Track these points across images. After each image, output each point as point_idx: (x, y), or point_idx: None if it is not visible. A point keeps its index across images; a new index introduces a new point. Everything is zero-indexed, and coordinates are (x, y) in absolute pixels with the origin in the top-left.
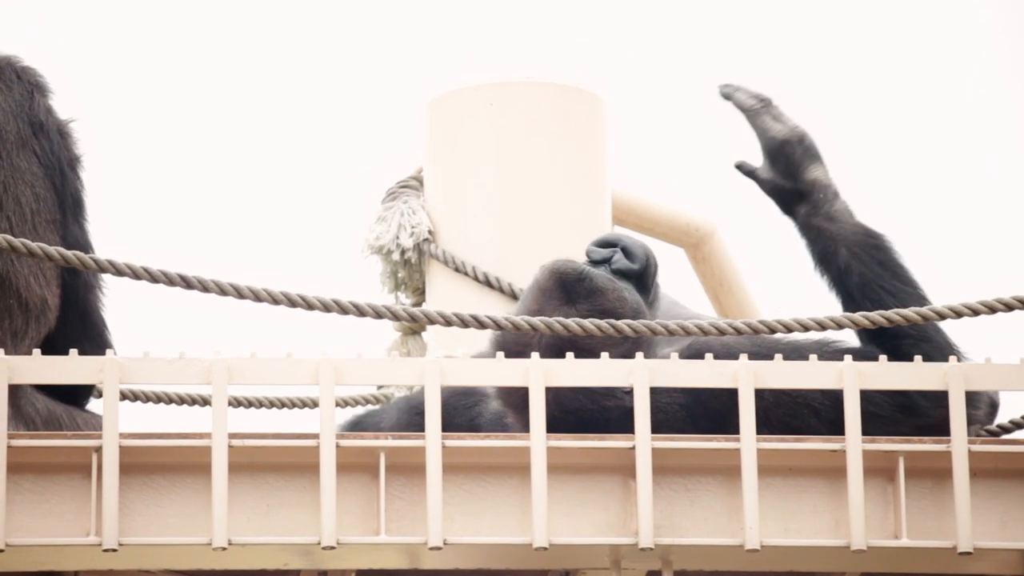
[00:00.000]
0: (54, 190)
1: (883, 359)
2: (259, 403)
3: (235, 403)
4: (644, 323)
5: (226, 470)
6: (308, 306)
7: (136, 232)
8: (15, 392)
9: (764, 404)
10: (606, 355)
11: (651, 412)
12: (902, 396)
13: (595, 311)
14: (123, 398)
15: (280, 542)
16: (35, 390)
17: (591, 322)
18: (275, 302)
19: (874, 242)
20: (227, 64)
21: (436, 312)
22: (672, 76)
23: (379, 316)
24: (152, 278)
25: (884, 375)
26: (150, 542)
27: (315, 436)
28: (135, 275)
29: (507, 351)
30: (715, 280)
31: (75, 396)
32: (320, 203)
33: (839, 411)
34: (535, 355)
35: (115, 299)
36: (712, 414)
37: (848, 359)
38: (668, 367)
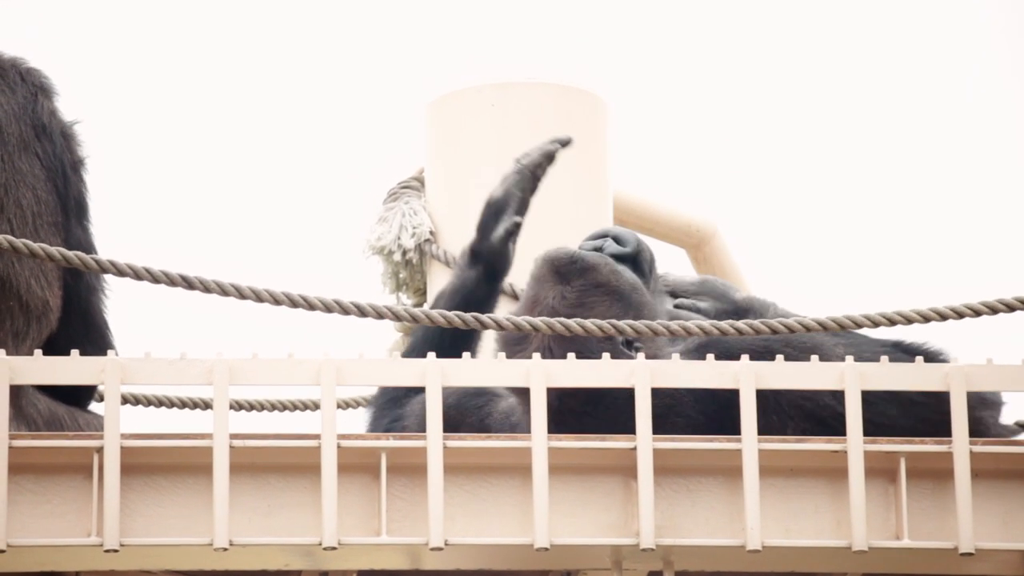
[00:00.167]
0: (56, 193)
1: (884, 359)
2: (260, 406)
3: (236, 406)
4: (644, 323)
5: (227, 470)
6: (309, 307)
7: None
8: (17, 393)
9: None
10: (607, 355)
11: (660, 396)
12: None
13: (590, 286)
14: (124, 402)
15: (281, 543)
16: (37, 391)
17: (592, 322)
18: (276, 303)
19: None
20: (228, 65)
21: (437, 312)
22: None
23: (380, 317)
24: (153, 278)
25: (885, 376)
26: (151, 543)
27: (316, 437)
28: (136, 275)
29: (508, 338)
30: None
31: (77, 397)
32: (321, 204)
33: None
34: (536, 355)
35: (116, 300)
36: (720, 401)
37: (850, 359)
38: (669, 367)
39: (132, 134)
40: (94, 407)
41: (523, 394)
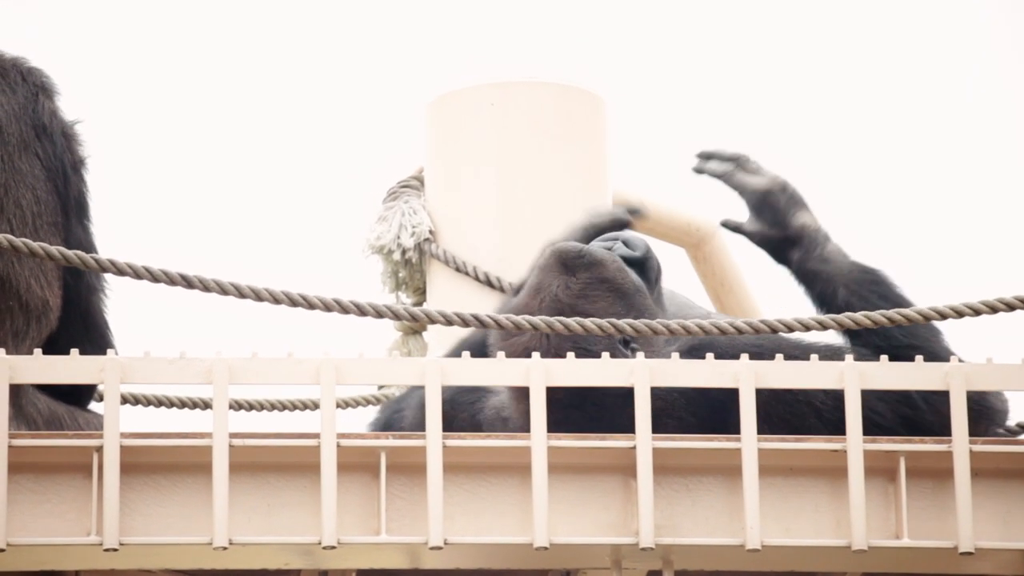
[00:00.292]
0: (56, 193)
1: (884, 359)
2: (260, 405)
3: (236, 405)
4: (644, 323)
5: (227, 470)
6: (309, 306)
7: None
8: (16, 392)
9: (763, 399)
10: (607, 354)
11: (651, 398)
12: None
13: (595, 280)
14: (124, 401)
15: (281, 542)
16: (37, 390)
17: (592, 322)
18: (276, 302)
19: (871, 277)
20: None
21: (437, 312)
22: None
23: (380, 316)
24: (153, 278)
25: (885, 375)
26: (151, 542)
27: (316, 436)
28: (136, 275)
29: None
30: (716, 280)
31: (77, 396)
32: (321, 203)
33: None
34: (536, 355)
35: (116, 299)
36: (712, 403)
37: (850, 358)
38: (669, 367)
39: (132, 134)
40: (94, 406)
41: (515, 389)
